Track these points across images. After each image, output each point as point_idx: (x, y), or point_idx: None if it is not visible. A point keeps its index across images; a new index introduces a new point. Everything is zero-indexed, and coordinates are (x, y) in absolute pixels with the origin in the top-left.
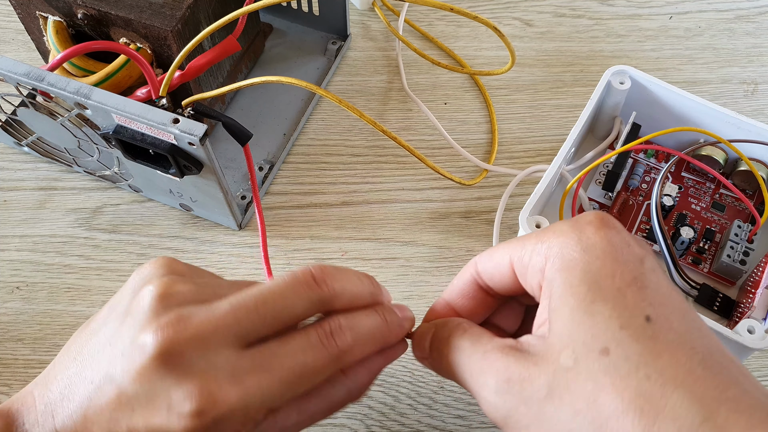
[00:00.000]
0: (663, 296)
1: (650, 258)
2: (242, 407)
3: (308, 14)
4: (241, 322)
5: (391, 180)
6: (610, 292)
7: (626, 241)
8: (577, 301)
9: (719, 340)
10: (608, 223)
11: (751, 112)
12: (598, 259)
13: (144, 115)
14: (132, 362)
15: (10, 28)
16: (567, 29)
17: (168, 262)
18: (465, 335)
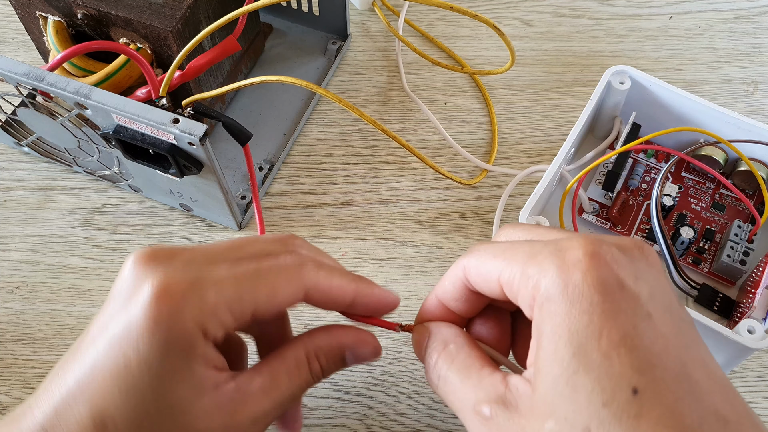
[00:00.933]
0: (656, 353)
1: (646, 291)
2: (198, 293)
3: (308, 14)
4: (209, 248)
5: (391, 180)
6: (596, 358)
7: (619, 279)
8: (560, 369)
9: (722, 387)
10: (598, 257)
11: (751, 112)
12: (585, 313)
13: (144, 115)
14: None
15: (10, 28)
16: (567, 29)
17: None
18: (452, 366)
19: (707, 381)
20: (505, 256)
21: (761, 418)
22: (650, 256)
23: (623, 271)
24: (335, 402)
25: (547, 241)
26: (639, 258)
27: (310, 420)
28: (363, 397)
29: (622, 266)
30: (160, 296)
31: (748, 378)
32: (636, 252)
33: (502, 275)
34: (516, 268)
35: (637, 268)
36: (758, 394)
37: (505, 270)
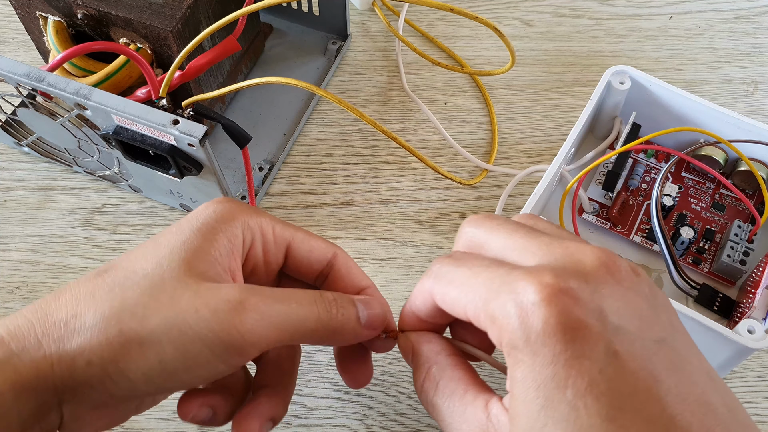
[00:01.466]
0: (626, 395)
1: (612, 325)
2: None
3: (308, 14)
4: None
5: (391, 180)
6: (564, 411)
7: (580, 321)
8: (531, 421)
9: (702, 410)
10: (555, 300)
11: (751, 112)
12: (548, 365)
13: (144, 116)
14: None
15: (10, 28)
16: (567, 29)
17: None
18: (437, 393)
19: (684, 409)
20: (467, 289)
21: (761, 418)
22: (617, 272)
23: (584, 308)
24: (335, 402)
25: (503, 276)
26: (605, 280)
27: (310, 420)
28: (363, 397)
29: (582, 303)
30: (225, 200)
31: (748, 378)
32: (601, 273)
33: (467, 309)
34: (479, 306)
35: (602, 295)
36: (758, 394)
37: (469, 305)
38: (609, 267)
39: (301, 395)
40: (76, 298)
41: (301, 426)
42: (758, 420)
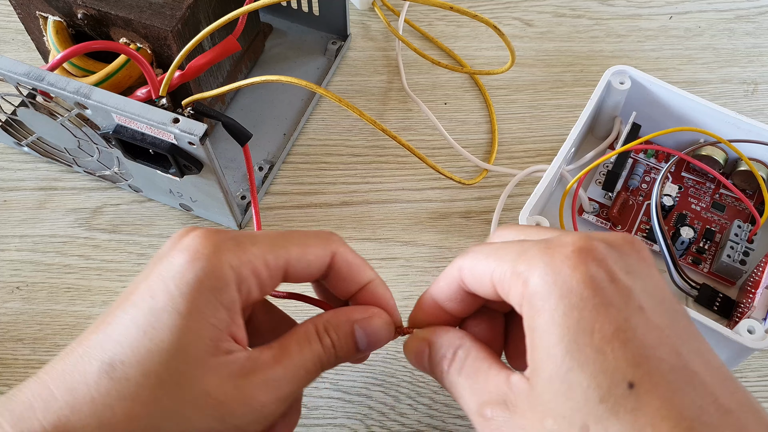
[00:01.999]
0: (650, 345)
1: (638, 285)
2: (235, 242)
3: (308, 14)
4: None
5: (391, 180)
6: (590, 354)
7: (610, 273)
8: (555, 367)
9: (721, 376)
10: (587, 252)
11: (751, 112)
12: (575, 309)
13: (144, 115)
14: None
15: (10, 28)
16: (567, 29)
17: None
18: (462, 372)
19: (705, 371)
20: (497, 255)
21: None
22: (642, 251)
23: (614, 265)
24: (335, 402)
25: (537, 240)
26: (630, 253)
27: (310, 420)
28: (363, 397)
29: (612, 261)
30: (202, 239)
31: (748, 378)
32: (627, 247)
33: (494, 274)
34: (507, 266)
35: (627, 263)
36: (758, 394)
37: (497, 269)
38: (633, 243)
39: None
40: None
41: (301, 426)
42: None
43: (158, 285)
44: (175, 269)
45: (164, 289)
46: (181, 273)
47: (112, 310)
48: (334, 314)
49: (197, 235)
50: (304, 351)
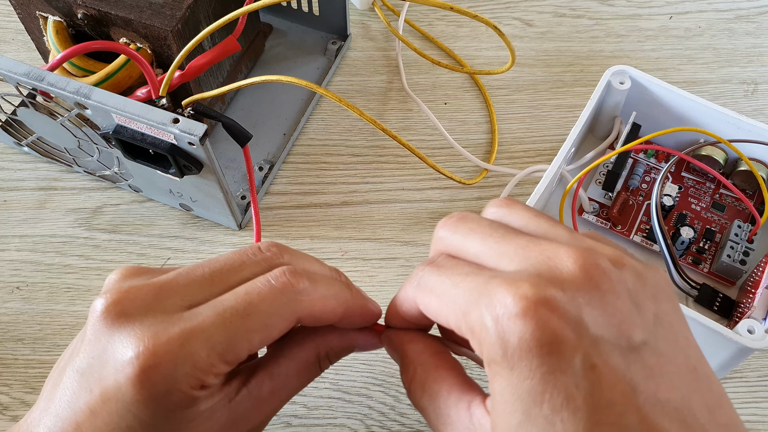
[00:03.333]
0: (602, 408)
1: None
2: (187, 354)
3: (308, 14)
4: (188, 286)
5: (391, 180)
6: (541, 425)
7: (556, 335)
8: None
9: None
10: (532, 313)
11: (751, 112)
12: (525, 379)
13: (144, 115)
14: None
15: (10, 28)
16: (567, 29)
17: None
18: (424, 396)
19: (666, 419)
20: (447, 300)
21: (761, 418)
22: (596, 275)
23: (561, 320)
24: (335, 402)
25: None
26: (582, 287)
27: (309, 420)
28: (363, 397)
29: (559, 315)
30: (150, 369)
31: (748, 378)
32: (579, 280)
33: (449, 320)
34: (460, 318)
35: (578, 306)
36: (758, 394)
37: (450, 316)
38: (587, 271)
39: (301, 395)
40: None
41: (301, 426)
42: (758, 420)
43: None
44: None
45: (135, 417)
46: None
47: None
48: (340, 340)
49: (140, 353)
50: (302, 380)
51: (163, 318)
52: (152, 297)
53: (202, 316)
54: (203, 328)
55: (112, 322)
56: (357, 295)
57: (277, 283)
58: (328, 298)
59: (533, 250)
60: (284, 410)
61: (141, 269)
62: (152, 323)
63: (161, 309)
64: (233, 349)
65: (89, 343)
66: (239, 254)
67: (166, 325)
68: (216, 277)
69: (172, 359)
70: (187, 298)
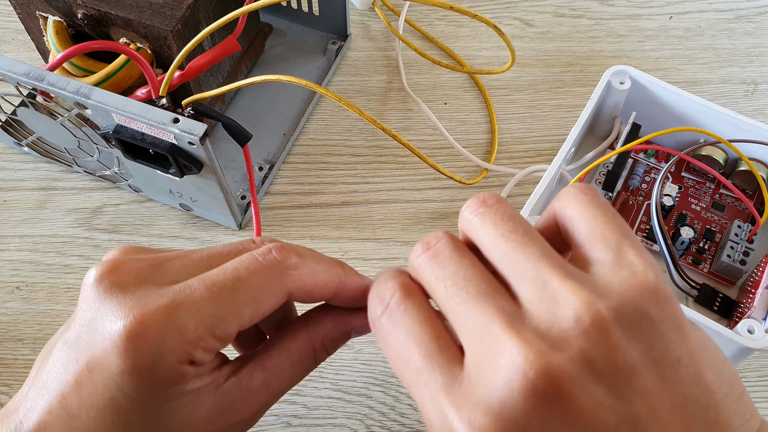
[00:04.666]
0: None
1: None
2: (176, 326)
3: (308, 14)
4: (183, 266)
5: (391, 180)
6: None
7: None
8: None
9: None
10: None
11: (751, 112)
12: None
13: (144, 115)
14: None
15: (10, 28)
16: (567, 29)
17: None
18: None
19: None
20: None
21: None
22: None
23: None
24: (335, 402)
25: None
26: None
27: (309, 420)
28: (363, 397)
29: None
30: (137, 338)
31: (748, 378)
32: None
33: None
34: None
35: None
36: (758, 394)
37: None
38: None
39: (301, 395)
40: None
41: (301, 426)
42: None
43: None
44: (123, 375)
45: (120, 390)
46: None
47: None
48: (333, 326)
49: (128, 323)
50: (296, 371)
51: (155, 290)
52: (147, 270)
53: (190, 288)
54: (192, 300)
55: (104, 291)
56: (350, 271)
57: (264, 259)
58: (318, 272)
59: (542, 287)
60: (284, 410)
61: (141, 248)
62: (143, 294)
63: (154, 282)
64: (222, 322)
65: (80, 311)
66: (236, 243)
67: (155, 297)
68: (212, 261)
69: (159, 329)
70: (181, 276)
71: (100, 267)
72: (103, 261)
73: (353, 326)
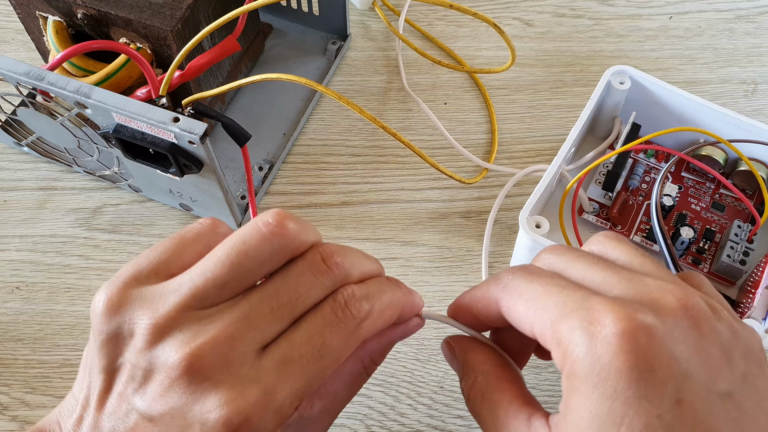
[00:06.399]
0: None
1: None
2: (274, 408)
3: (308, 14)
4: (257, 328)
5: (391, 180)
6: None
7: (649, 363)
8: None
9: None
10: (630, 337)
11: (751, 112)
12: (607, 399)
13: (144, 114)
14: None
15: (10, 28)
16: (567, 29)
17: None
18: (483, 404)
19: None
20: (537, 306)
21: None
22: (696, 316)
23: (656, 350)
24: None
25: (579, 300)
26: (681, 324)
27: None
28: (363, 397)
29: (655, 344)
30: (238, 428)
31: None
32: (679, 316)
33: (534, 327)
34: (547, 326)
35: (674, 340)
36: None
37: (536, 324)
38: (688, 309)
39: None
40: None
41: None
42: None
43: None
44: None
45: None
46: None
47: None
48: (379, 342)
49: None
50: (352, 391)
51: (245, 373)
52: (228, 348)
53: (283, 364)
54: (286, 378)
55: (191, 381)
56: (405, 291)
57: (342, 317)
58: (385, 310)
59: (637, 283)
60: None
61: (136, 277)
62: (237, 382)
63: (239, 361)
64: (311, 388)
65: (157, 397)
66: (302, 279)
67: (248, 382)
68: (285, 312)
69: (260, 414)
70: (259, 340)
71: (183, 353)
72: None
73: (396, 338)
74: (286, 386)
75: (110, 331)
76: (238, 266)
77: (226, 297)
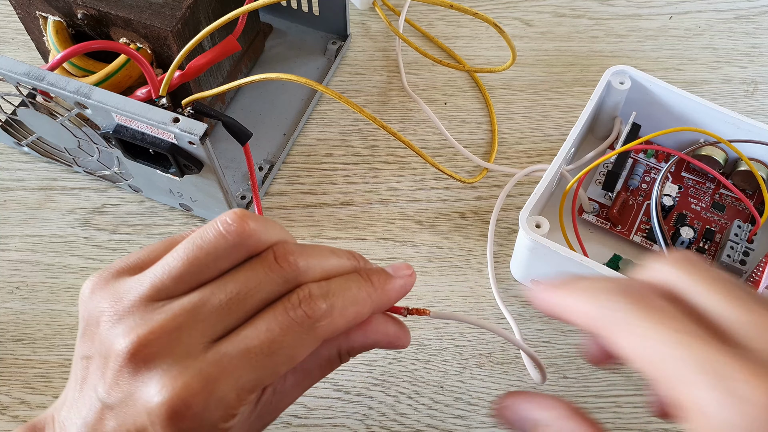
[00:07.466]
0: None
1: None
2: (217, 398)
3: (308, 14)
4: (206, 320)
5: (391, 180)
6: None
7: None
8: None
9: None
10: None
11: (751, 112)
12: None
13: (144, 114)
14: (107, 371)
15: (10, 28)
16: (567, 29)
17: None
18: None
19: None
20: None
21: None
22: None
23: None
24: (335, 402)
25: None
26: None
27: (309, 420)
28: (363, 397)
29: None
30: (180, 415)
31: None
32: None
33: (646, 369)
34: (675, 382)
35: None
36: None
37: (661, 373)
38: None
39: None
40: None
41: (301, 426)
42: None
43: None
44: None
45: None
46: None
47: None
48: (362, 338)
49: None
50: (325, 372)
51: (189, 363)
52: (174, 337)
53: (227, 357)
54: (230, 370)
55: (136, 367)
56: (378, 285)
57: (295, 316)
58: (348, 309)
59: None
60: (284, 410)
61: (119, 270)
62: (179, 370)
63: (185, 351)
64: (261, 383)
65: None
66: (251, 274)
67: (192, 370)
68: (233, 306)
69: (202, 403)
70: (207, 333)
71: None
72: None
73: (380, 342)
74: (231, 379)
75: (87, 319)
76: (195, 260)
77: (183, 290)
